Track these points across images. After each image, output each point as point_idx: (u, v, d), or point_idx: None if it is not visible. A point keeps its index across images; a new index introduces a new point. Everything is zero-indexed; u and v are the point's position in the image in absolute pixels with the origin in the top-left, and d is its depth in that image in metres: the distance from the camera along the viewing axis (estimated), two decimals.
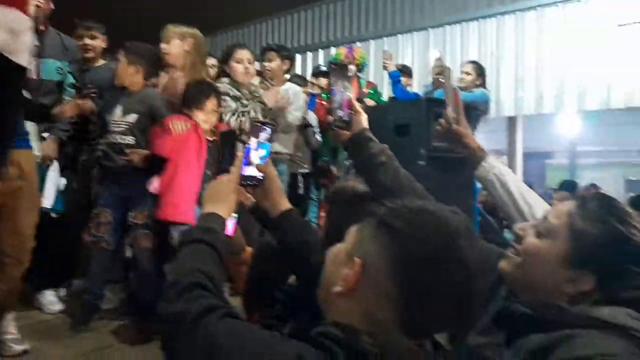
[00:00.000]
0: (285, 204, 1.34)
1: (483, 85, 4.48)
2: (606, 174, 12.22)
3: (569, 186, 6.34)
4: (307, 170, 4.58)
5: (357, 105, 1.47)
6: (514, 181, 1.53)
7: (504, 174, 1.54)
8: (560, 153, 14.07)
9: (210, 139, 3.05)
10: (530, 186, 1.64)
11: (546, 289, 1.03)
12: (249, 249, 3.08)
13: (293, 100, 4.07)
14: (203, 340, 0.70)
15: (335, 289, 0.76)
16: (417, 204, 0.78)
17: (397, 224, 0.73)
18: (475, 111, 4.24)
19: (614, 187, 10.46)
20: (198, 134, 2.92)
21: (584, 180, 9.50)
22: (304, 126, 4.42)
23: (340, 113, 1.43)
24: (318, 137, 4.59)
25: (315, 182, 4.74)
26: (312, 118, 4.59)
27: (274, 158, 3.26)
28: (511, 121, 10.93)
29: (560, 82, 6.05)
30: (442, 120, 1.62)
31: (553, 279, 1.02)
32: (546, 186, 11.99)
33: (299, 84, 4.52)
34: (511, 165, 11.13)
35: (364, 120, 1.46)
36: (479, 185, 3.32)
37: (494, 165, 1.55)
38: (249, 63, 3.54)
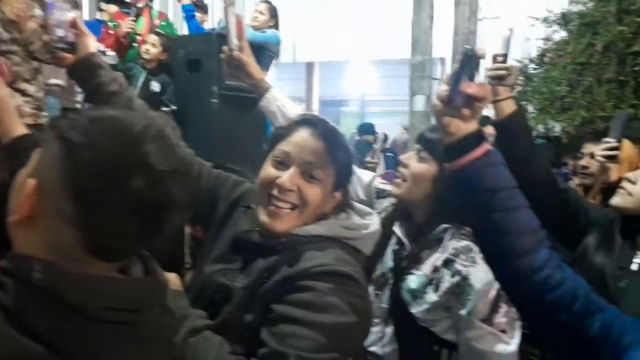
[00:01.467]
0: (21, 129, 1.18)
1: (276, 26, 4.51)
2: (389, 120, 13.71)
3: (367, 129, 7.01)
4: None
5: (83, 26, 1.26)
6: (294, 114, 1.56)
7: (286, 106, 1.55)
8: (353, 101, 15.25)
9: None
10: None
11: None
12: None
13: None
14: None
15: (11, 218, 0.65)
16: (100, 112, 0.67)
17: (73, 135, 0.62)
18: (266, 52, 4.27)
19: (395, 133, 11.81)
20: None
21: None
22: None
23: (60, 33, 1.20)
24: None
25: None
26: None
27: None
28: (309, 69, 11.51)
29: (352, 32, 6.45)
30: (225, 48, 1.55)
31: None
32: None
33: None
34: (309, 110, 11.80)
35: (91, 43, 1.28)
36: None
37: (277, 97, 1.55)
38: None
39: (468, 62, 0.89)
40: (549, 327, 0.85)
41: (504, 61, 1.67)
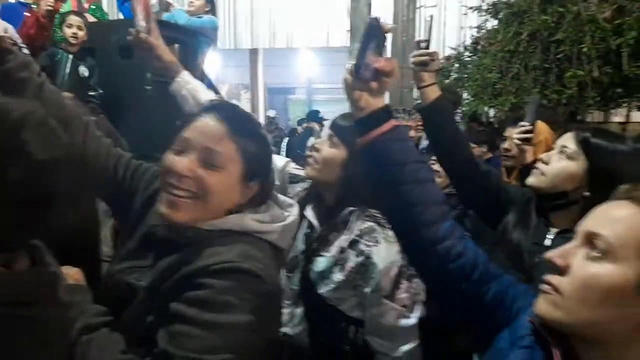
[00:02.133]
0: None
1: (212, 12, 4.42)
2: (336, 107, 13.81)
3: (314, 116, 7.04)
4: None
5: None
6: (207, 99, 1.54)
7: (198, 90, 1.53)
8: (300, 89, 15.23)
9: None
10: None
11: None
12: None
13: None
14: None
15: None
16: None
17: None
18: (203, 37, 4.19)
19: None
20: None
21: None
22: None
23: None
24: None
25: None
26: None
27: None
28: (252, 56, 11.38)
29: (292, 19, 6.42)
30: (131, 30, 1.50)
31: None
32: (289, 118, 12.98)
33: None
34: (254, 98, 11.71)
35: None
36: None
37: (189, 81, 1.52)
38: None
39: (373, 32, 0.90)
40: (451, 294, 0.90)
41: (427, 47, 1.72)
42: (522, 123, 1.86)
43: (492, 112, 4.74)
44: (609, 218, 0.69)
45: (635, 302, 0.64)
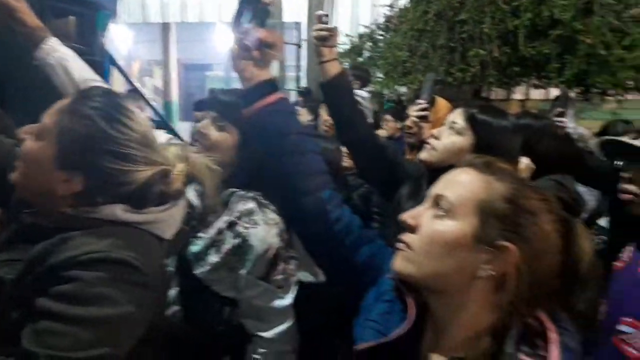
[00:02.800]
0: None
1: None
2: None
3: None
4: None
5: None
6: (79, 69, 1.43)
7: (67, 59, 1.41)
8: (218, 65, 14.81)
9: None
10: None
11: (45, 192, 0.93)
12: None
13: None
14: None
15: None
16: None
17: None
18: (101, 10, 3.90)
19: None
20: None
21: None
22: None
23: None
24: None
25: None
26: None
27: None
28: (164, 30, 10.86)
29: None
30: None
31: (48, 182, 0.93)
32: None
33: None
34: (167, 74, 11.22)
35: None
36: None
37: (57, 49, 1.40)
38: None
39: (249, 1, 0.93)
40: (328, 258, 0.97)
41: (327, 22, 1.69)
42: (419, 100, 1.90)
43: (403, 90, 4.85)
44: (453, 182, 0.77)
45: (471, 254, 0.72)
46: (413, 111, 1.90)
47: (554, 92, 5.32)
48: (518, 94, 5.39)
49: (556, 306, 0.74)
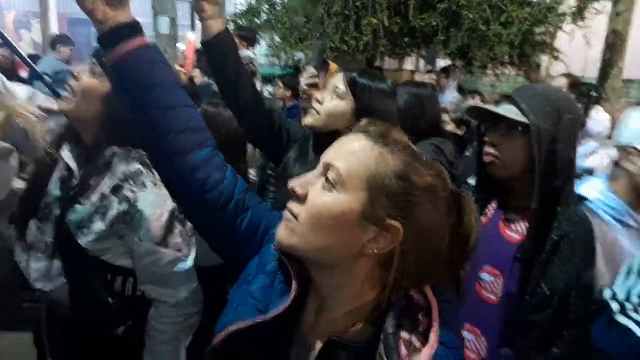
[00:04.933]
0: None
1: None
2: None
3: None
4: None
5: None
6: None
7: None
8: None
9: None
10: None
11: None
12: None
13: None
14: None
15: None
16: None
17: None
18: None
19: None
20: None
21: None
22: None
23: None
24: None
25: None
26: None
27: None
28: None
29: None
30: None
31: None
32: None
33: None
34: (45, 28, 10.20)
35: None
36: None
37: None
38: None
39: None
40: (208, 224, 0.87)
41: None
42: (308, 68, 1.91)
43: (300, 56, 4.86)
44: (345, 150, 0.71)
45: (357, 230, 0.68)
46: (303, 78, 1.91)
47: (441, 63, 5.64)
48: (409, 64, 5.65)
49: (444, 280, 0.73)
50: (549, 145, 1.12)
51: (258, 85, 3.64)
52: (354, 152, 0.70)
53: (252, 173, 2.41)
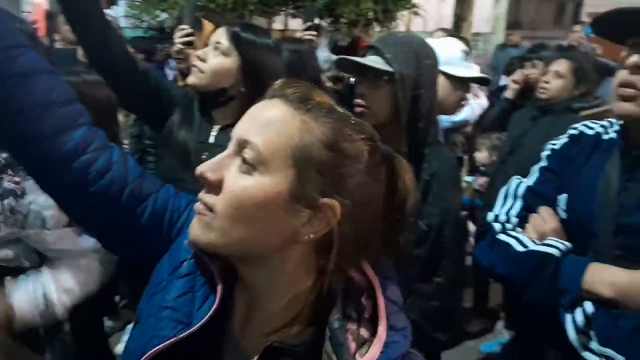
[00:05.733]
0: None
1: None
2: None
3: None
4: None
5: None
6: None
7: None
8: None
9: None
10: None
11: None
12: None
13: None
14: None
15: None
16: None
17: None
18: None
19: None
20: None
21: None
22: None
23: None
24: None
25: None
26: None
27: None
28: None
29: None
30: None
31: None
32: None
33: None
34: None
35: None
36: None
37: None
38: None
39: None
40: (98, 222, 0.71)
41: None
42: (181, 26, 1.82)
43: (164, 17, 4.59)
44: (260, 121, 0.60)
45: (287, 215, 0.58)
46: (177, 37, 1.82)
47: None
48: (278, 23, 5.61)
49: (383, 252, 0.65)
50: (412, 91, 1.19)
51: None
52: (271, 123, 0.59)
53: (125, 143, 2.27)
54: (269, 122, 0.59)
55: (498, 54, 5.33)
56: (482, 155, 2.93)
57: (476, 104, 3.13)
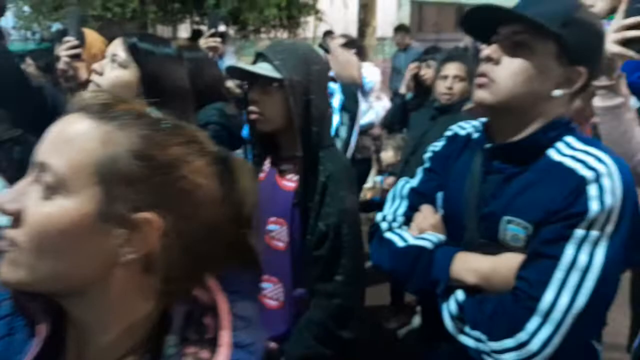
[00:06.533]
0: None
1: None
2: None
3: None
4: None
5: None
6: None
7: None
8: None
9: None
10: None
11: None
12: None
13: None
14: None
15: None
16: None
17: None
18: None
19: None
20: None
21: None
22: None
23: None
24: None
25: None
26: None
27: None
28: None
29: None
30: None
31: None
32: None
33: None
34: None
35: None
36: None
37: None
38: None
39: None
40: None
41: None
42: (66, 38, 1.72)
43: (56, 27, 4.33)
44: (60, 139, 0.55)
45: (100, 238, 0.54)
46: (63, 50, 1.70)
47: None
48: (183, 31, 5.49)
49: (231, 262, 0.62)
50: (302, 96, 1.22)
51: None
52: (71, 140, 0.54)
53: None
54: (68, 139, 0.54)
55: (400, 56, 5.55)
56: (388, 155, 3.02)
57: (380, 107, 3.24)
